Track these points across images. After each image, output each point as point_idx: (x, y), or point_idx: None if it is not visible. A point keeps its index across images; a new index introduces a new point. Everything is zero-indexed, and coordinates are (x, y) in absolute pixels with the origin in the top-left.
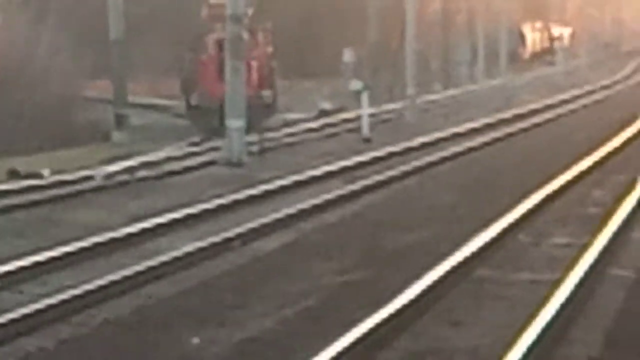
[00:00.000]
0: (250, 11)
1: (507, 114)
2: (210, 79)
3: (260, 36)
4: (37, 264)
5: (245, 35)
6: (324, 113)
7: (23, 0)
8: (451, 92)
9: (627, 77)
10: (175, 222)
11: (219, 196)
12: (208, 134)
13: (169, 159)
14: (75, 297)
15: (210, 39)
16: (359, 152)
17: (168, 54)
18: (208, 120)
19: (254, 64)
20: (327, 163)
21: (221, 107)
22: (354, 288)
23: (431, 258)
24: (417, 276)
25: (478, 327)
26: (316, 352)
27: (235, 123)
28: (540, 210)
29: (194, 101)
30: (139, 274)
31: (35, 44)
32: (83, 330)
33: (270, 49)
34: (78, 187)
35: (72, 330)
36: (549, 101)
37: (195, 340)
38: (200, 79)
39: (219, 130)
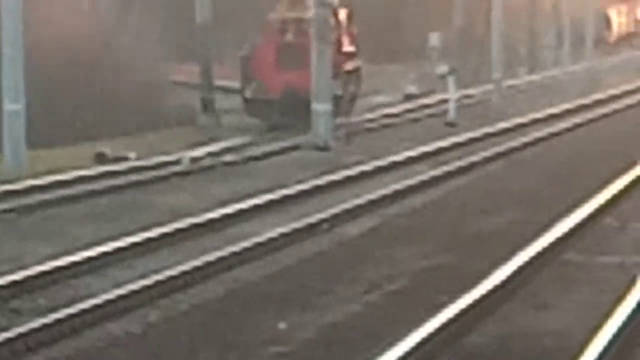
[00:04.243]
0: None
1: (590, 99)
2: (267, 68)
3: (341, 15)
4: (121, 249)
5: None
6: (410, 97)
7: None
8: (537, 76)
9: None
10: (259, 206)
11: (304, 181)
12: (269, 129)
13: (253, 144)
14: (161, 282)
15: (271, 21)
16: (443, 137)
17: (255, 37)
18: (267, 115)
19: (334, 46)
20: (412, 148)
21: (281, 100)
22: (439, 272)
23: (516, 242)
24: (503, 260)
25: (565, 310)
26: (403, 336)
27: (321, 107)
28: (624, 195)
29: (248, 94)
30: (223, 259)
31: (121, 28)
32: (170, 315)
33: (354, 30)
34: (163, 171)
35: (159, 314)
36: (636, 84)
37: (282, 326)
38: (255, 67)
39: (281, 126)
